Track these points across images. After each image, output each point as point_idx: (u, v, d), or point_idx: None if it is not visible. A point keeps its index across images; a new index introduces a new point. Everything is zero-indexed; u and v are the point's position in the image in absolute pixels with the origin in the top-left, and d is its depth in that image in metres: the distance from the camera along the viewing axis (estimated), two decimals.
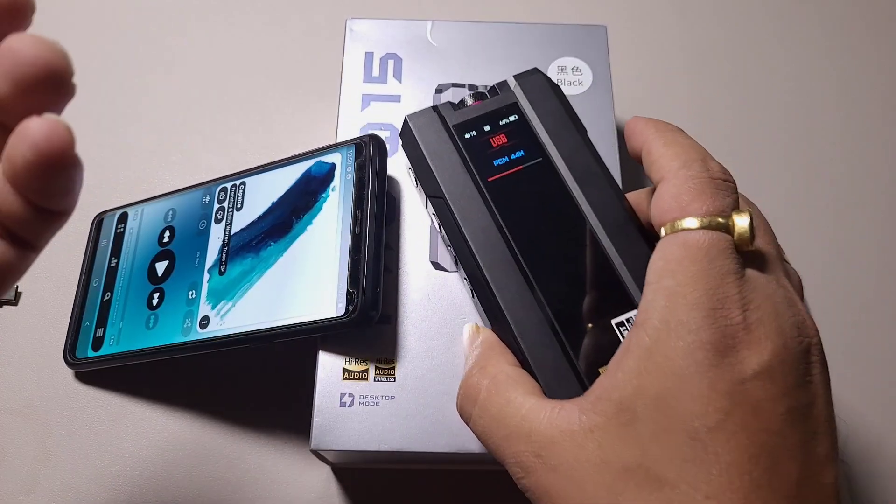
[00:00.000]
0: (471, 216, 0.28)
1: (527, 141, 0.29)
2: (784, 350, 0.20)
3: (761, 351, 0.20)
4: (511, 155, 0.29)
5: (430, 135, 0.30)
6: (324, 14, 0.48)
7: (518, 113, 0.30)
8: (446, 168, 0.29)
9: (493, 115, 0.30)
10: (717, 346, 0.20)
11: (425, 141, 0.30)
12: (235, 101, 0.45)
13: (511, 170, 0.29)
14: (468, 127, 0.30)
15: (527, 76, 0.31)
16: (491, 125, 0.30)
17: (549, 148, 0.29)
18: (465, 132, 0.30)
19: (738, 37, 0.48)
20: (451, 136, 0.30)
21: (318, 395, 0.29)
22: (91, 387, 0.37)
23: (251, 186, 0.35)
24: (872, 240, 0.42)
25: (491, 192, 0.28)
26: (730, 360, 0.20)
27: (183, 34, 0.47)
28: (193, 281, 0.34)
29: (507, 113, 0.30)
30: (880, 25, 0.49)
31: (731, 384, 0.20)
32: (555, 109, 0.30)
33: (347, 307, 0.29)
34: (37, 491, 0.34)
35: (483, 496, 0.35)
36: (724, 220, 0.22)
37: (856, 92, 0.47)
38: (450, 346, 0.30)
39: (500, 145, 0.29)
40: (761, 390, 0.20)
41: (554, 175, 0.29)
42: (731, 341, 0.20)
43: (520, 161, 0.29)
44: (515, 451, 0.22)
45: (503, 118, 0.30)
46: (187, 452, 0.35)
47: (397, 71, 0.36)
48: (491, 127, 0.30)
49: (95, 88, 0.45)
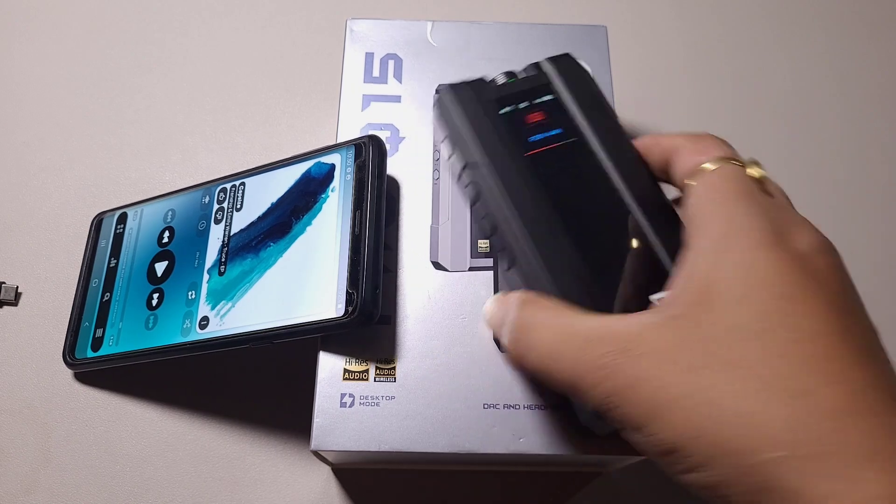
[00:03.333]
0: (512, 184, 0.28)
1: (562, 120, 0.29)
2: (826, 242, 0.23)
3: (811, 236, 0.23)
4: (547, 132, 0.29)
5: (468, 105, 0.30)
6: (324, 14, 0.48)
7: (552, 93, 0.30)
8: (485, 136, 0.29)
9: (528, 93, 0.30)
10: (775, 230, 0.22)
11: (464, 109, 0.30)
12: (235, 101, 0.45)
13: (547, 146, 0.29)
14: (504, 102, 0.30)
15: (559, 59, 0.31)
16: (527, 102, 0.30)
17: (584, 129, 0.29)
18: (501, 107, 0.30)
19: (738, 37, 0.48)
20: (486, 110, 0.30)
21: (318, 396, 0.29)
22: (91, 387, 0.37)
23: (251, 187, 0.35)
24: (872, 239, 0.42)
25: (529, 165, 0.28)
26: (787, 240, 0.22)
27: (183, 34, 0.47)
28: (193, 281, 0.34)
29: (541, 92, 0.30)
30: (880, 25, 0.49)
31: (796, 254, 0.22)
32: (588, 92, 0.30)
33: (347, 307, 0.29)
34: (37, 491, 0.34)
35: (483, 496, 0.35)
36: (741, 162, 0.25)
37: (855, 92, 0.47)
38: (450, 346, 0.30)
39: (535, 122, 0.29)
40: (822, 262, 0.22)
41: (590, 155, 0.29)
42: (784, 230, 0.23)
43: (556, 139, 0.29)
44: (597, 353, 0.22)
45: (538, 97, 0.30)
46: (187, 452, 0.35)
47: (397, 71, 0.36)
48: (527, 104, 0.30)
49: (96, 88, 0.45)
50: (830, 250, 0.23)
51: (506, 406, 0.29)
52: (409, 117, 0.35)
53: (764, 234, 0.22)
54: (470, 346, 0.30)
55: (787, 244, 0.22)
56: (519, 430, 0.28)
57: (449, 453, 0.28)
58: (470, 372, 0.29)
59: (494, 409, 0.29)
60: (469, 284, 0.31)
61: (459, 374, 0.29)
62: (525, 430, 0.28)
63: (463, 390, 0.29)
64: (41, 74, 0.45)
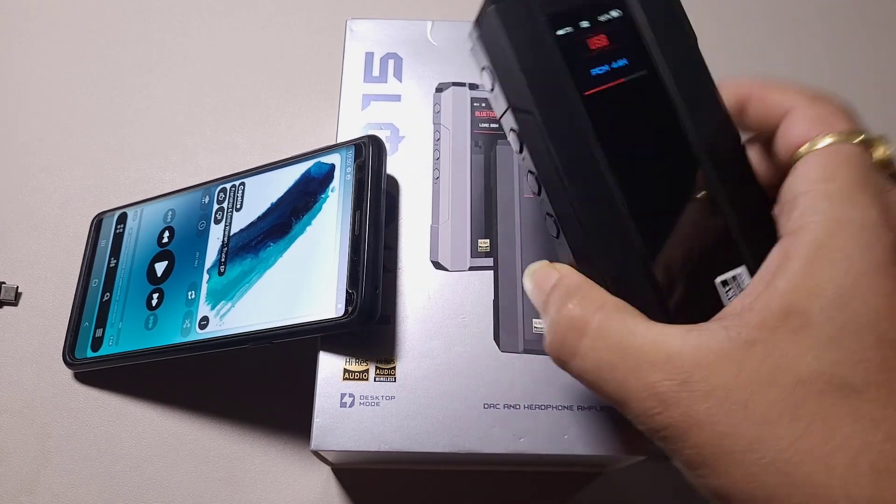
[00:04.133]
0: (565, 140, 0.23)
1: (631, 46, 0.24)
2: None
3: None
4: (612, 63, 0.24)
5: (520, 31, 0.24)
6: (324, 14, 0.48)
7: (622, 7, 0.25)
8: (539, 76, 0.24)
9: (591, 6, 0.24)
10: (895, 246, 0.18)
11: (515, 39, 0.24)
12: (235, 101, 0.45)
13: (610, 83, 0.24)
14: (563, 20, 0.24)
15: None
16: (590, 20, 0.24)
17: (656, 57, 0.24)
18: (559, 26, 0.24)
19: (737, 36, 0.48)
20: (542, 32, 0.24)
21: (318, 396, 0.29)
22: (91, 387, 0.37)
23: (251, 187, 0.35)
24: None
25: (588, 109, 0.23)
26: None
27: (183, 34, 0.47)
28: (193, 281, 0.34)
29: (609, 5, 0.24)
30: (880, 25, 0.49)
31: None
32: (665, 7, 0.25)
33: (347, 307, 0.29)
34: (37, 491, 0.34)
35: (483, 496, 0.35)
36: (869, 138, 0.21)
37: (855, 91, 0.47)
38: (450, 346, 0.30)
39: (599, 49, 0.24)
40: None
41: (661, 95, 0.24)
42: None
43: (621, 72, 0.24)
44: (650, 381, 0.19)
45: (604, 12, 0.24)
46: (187, 452, 0.35)
47: (398, 70, 0.36)
48: (590, 22, 0.24)
49: (95, 88, 0.45)
50: None
51: (506, 406, 0.29)
52: (409, 117, 0.35)
53: (882, 253, 0.18)
54: (470, 346, 0.30)
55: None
56: (519, 430, 0.28)
57: (449, 453, 0.28)
58: (470, 372, 0.29)
59: (494, 409, 0.29)
60: (469, 284, 0.31)
61: (459, 373, 0.29)
62: (525, 430, 0.28)
63: (463, 390, 0.29)
64: (41, 74, 0.45)
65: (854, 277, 0.18)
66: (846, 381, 0.17)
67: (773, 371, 0.18)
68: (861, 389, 0.17)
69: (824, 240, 0.19)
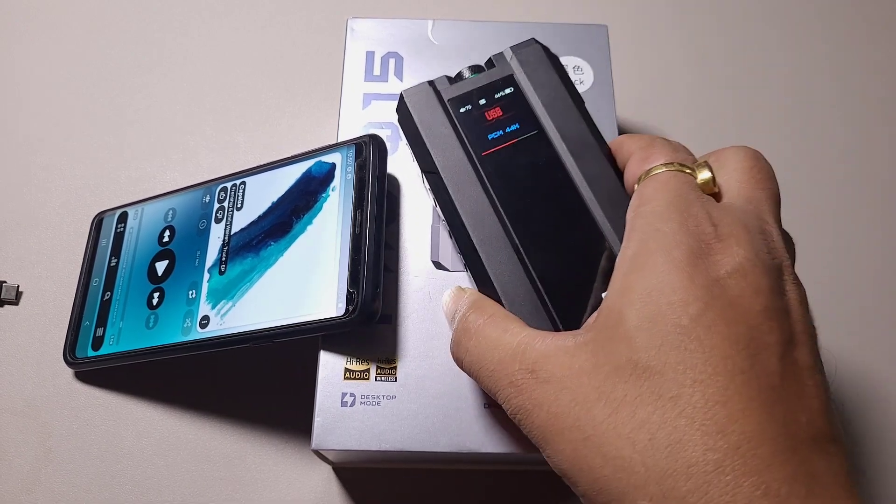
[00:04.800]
0: (464, 191, 0.28)
1: (522, 113, 0.29)
2: (756, 258, 0.21)
3: (734, 255, 0.21)
4: (506, 128, 0.29)
5: (425, 110, 0.30)
6: (324, 14, 0.48)
7: (514, 85, 0.30)
8: (440, 143, 0.29)
9: (488, 88, 0.30)
10: (693, 249, 0.21)
11: (420, 116, 0.30)
12: (235, 100, 0.45)
13: (506, 143, 0.29)
14: (463, 101, 0.30)
15: (523, 47, 0.31)
16: (486, 98, 0.30)
17: (543, 120, 0.29)
18: (461, 106, 0.30)
19: (738, 36, 0.48)
20: (445, 111, 0.30)
21: (319, 395, 0.29)
22: (91, 386, 0.37)
23: (251, 186, 0.35)
24: (872, 240, 0.42)
25: (485, 166, 0.28)
26: (705, 261, 0.21)
27: (183, 34, 0.47)
28: (193, 280, 0.34)
29: (502, 86, 0.30)
30: (880, 25, 0.49)
31: (708, 279, 0.21)
32: (550, 80, 0.30)
33: (347, 307, 0.29)
34: (37, 491, 0.34)
35: (483, 496, 0.35)
36: (688, 167, 0.25)
37: (855, 91, 0.47)
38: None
39: (495, 118, 0.29)
40: (737, 287, 0.21)
41: (548, 148, 0.29)
42: (705, 247, 0.21)
43: (515, 134, 0.29)
44: (509, 371, 0.23)
45: (499, 91, 0.30)
46: (187, 452, 0.35)
47: (398, 70, 0.36)
48: (486, 100, 0.30)
49: (96, 88, 0.45)
50: (755, 270, 0.21)
51: None
52: None
53: (680, 255, 0.21)
54: None
55: (703, 266, 0.21)
56: (519, 430, 0.28)
57: (450, 453, 0.28)
58: None
59: (495, 408, 0.29)
60: (469, 284, 0.31)
61: (460, 373, 0.29)
62: None
63: (464, 390, 0.29)
64: (41, 74, 0.45)
65: (657, 276, 0.21)
66: (649, 364, 0.20)
67: (596, 362, 0.21)
68: (661, 371, 0.20)
69: (638, 250, 0.22)
